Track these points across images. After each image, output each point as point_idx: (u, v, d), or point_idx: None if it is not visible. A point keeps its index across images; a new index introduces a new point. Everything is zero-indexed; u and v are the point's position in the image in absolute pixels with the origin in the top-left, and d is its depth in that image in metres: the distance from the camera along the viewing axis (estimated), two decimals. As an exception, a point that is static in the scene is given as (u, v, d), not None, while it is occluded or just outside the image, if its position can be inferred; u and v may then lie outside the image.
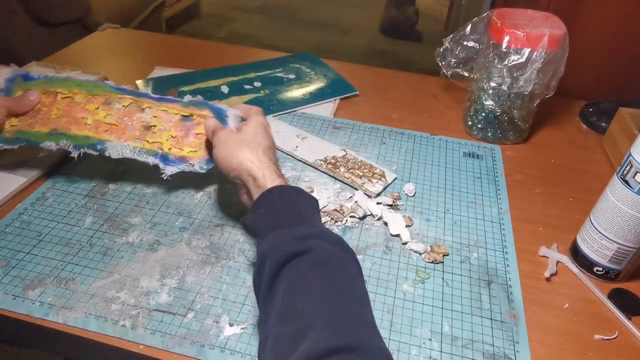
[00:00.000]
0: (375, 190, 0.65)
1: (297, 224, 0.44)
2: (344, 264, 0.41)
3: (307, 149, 0.73)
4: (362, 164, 0.70)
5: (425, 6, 3.19)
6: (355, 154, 0.72)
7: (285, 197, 0.46)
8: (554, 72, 0.69)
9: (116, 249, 0.56)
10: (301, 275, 0.39)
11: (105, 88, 0.65)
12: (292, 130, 0.78)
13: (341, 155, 0.71)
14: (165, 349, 0.46)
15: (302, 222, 0.44)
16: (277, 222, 0.44)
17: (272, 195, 0.46)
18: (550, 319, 0.51)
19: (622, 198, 0.50)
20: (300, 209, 0.45)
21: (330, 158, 0.71)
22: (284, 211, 0.45)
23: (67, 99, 0.63)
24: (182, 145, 0.61)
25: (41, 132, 0.60)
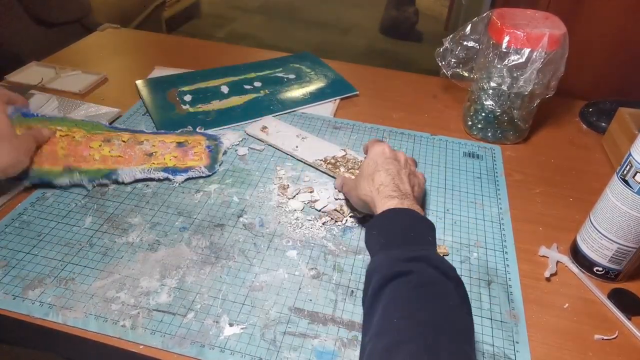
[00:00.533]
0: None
1: (407, 247, 0.44)
2: (444, 290, 0.40)
3: (307, 149, 0.73)
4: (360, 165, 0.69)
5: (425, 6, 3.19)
6: (355, 154, 0.71)
7: (397, 220, 0.47)
8: (554, 72, 0.69)
9: (116, 249, 0.56)
10: (400, 294, 0.40)
11: (101, 127, 0.71)
12: (292, 130, 0.77)
13: (341, 155, 0.71)
14: (165, 349, 0.46)
15: (410, 243, 0.45)
16: (386, 242, 0.45)
17: (383, 218, 0.48)
18: (550, 319, 0.51)
19: (622, 198, 0.50)
20: (413, 233, 0.46)
21: (330, 158, 0.71)
22: (393, 233, 0.46)
23: (67, 137, 0.68)
24: (184, 162, 0.67)
25: (54, 171, 0.63)
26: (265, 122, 0.79)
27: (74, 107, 0.80)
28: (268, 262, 0.55)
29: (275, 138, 0.75)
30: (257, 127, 0.78)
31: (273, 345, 0.47)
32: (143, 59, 1.00)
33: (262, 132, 0.76)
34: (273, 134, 0.76)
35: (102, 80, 0.90)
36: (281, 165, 0.70)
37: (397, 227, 0.46)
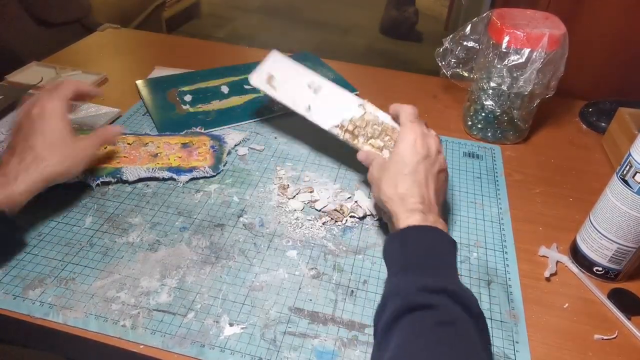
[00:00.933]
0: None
1: (427, 272, 0.42)
2: (466, 330, 0.38)
3: (321, 106, 0.65)
4: (383, 127, 0.61)
5: (425, 6, 3.19)
6: (374, 110, 0.62)
7: (420, 239, 0.45)
8: (554, 72, 0.69)
9: (116, 249, 0.56)
10: (419, 331, 0.38)
11: None
12: (303, 76, 0.68)
13: (359, 116, 0.62)
14: (165, 349, 0.46)
15: (434, 270, 0.43)
16: (407, 264, 0.43)
17: (408, 234, 0.46)
18: (550, 318, 0.51)
19: (622, 198, 0.50)
20: (434, 255, 0.44)
21: (348, 122, 0.62)
22: (417, 254, 0.44)
23: None
24: (188, 162, 0.68)
25: None
26: (270, 66, 0.70)
27: (74, 107, 0.80)
28: (268, 262, 0.55)
29: (285, 92, 0.67)
30: (262, 75, 0.69)
31: (273, 345, 0.47)
32: (143, 59, 1.01)
33: (269, 84, 0.68)
34: (281, 84, 0.68)
35: (102, 80, 0.90)
36: (281, 165, 0.70)
37: (420, 249, 0.44)
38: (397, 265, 0.44)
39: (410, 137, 0.52)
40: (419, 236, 0.45)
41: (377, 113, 0.62)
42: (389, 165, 0.52)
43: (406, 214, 0.47)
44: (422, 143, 0.51)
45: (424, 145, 0.51)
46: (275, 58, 0.70)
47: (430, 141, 0.52)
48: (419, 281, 0.41)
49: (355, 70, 0.99)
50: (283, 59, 0.70)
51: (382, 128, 0.61)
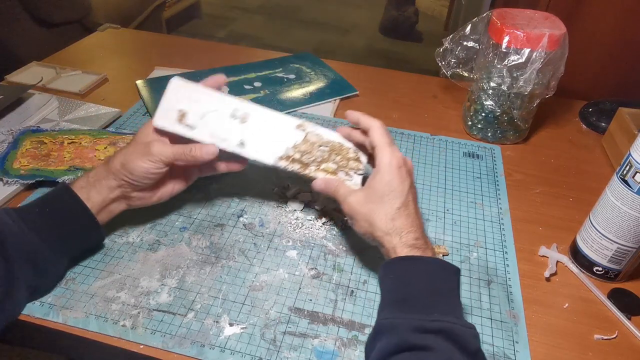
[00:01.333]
0: (357, 185, 0.57)
1: (426, 309, 0.41)
2: None
3: (256, 139, 0.55)
4: (331, 147, 0.56)
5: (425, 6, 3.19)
6: (314, 129, 0.56)
7: (418, 272, 0.44)
8: (554, 72, 0.69)
9: (116, 249, 0.56)
10: None
11: (108, 133, 0.72)
12: (223, 104, 0.55)
13: (302, 139, 0.56)
14: (165, 349, 0.46)
15: (433, 306, 0.41)
16: (404, 298, 0.42)
17: (405, 265, 0.44)
18: (550, 318, 0.51)
19: (622, 198, 0.50)
20: (435, 289, 0.42)
21: (292, 150, 0.55)
22: (417, 288, 0.43)
23: (74, 143, 0.69)
24: None
25: (59, 170, 0.64)
26: (176, 100, 0.54)
27: (74, 107, 0.80)
28: (268, 262, 0.55)
29: (206, 130, 0.54)
30: (170, 114, 0.54)
31: (273, 345, 0.47)
32: (143, 59, 1.01)
33: (182, 123, 0.54)
34: (198, 121, 0.54)
35: (102, 81, 0.90)
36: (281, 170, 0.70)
37: (420, 282, 0.43)
38: (395, 296, 0.43)
39: (395, 164, 0.49)
40: (418, 269, 0.44)
41: (318, 131, 0.56)
42: (379, 197, 0.48)
43: (406, 248, 0.46)
44: (406, 169, 0.50)
45: (409, 172, 0.50)
46: (178, 88, 0.55)
47: (409, 164, 0.51)
48: (417, 319, 0.40)
49: (355, 70, 0.99)
50: (188, 87, 0.55)
51: (330, 148, 0.56)
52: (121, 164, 0.51)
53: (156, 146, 0.52)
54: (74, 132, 0.72)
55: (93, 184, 0.51)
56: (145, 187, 0.53)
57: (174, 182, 0.56)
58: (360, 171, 0.56)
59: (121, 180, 0.51)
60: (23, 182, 0.62)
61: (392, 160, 0.49)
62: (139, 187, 0.53)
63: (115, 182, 0.51)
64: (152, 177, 0.52)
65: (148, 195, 0.55)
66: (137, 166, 0.51)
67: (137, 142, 0.53)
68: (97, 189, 0.51)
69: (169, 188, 0.56)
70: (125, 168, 0.51)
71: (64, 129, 0.73)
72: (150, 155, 0.51)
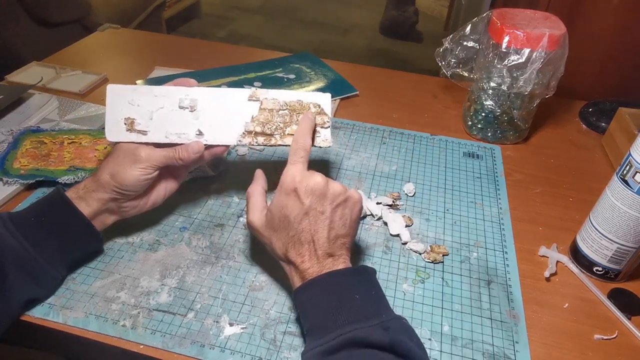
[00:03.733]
0: (327, 142, 0.55)
1: (326, 331, 0.39)
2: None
3: (212, 124, 0.53)
4: (290, 108, 0.54)
5: (425, 6, 3.20)
6: (268, 95, 0.54)
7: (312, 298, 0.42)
8: (554, 72, 0.69)
9: (116, 249, 0.56)
10: None
11: None
12: (166, 99, 0.53)
13: (258, 110, 0.54)
14: (165, 349, 0.46)
15: (332, 326, 0.39)
16: (309, 328, 0.42)
17: (301, 296, 0.43)
18: (550, 319, 0.51)
19: (622, 198, 0.50)
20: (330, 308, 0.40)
21: (252, 124, 0.54)
22: (313, 316, 0.42)
23: (74, 143, 0.69)
24: None
25: (59, 169, 0.64)
26: (119, 109, 0.52)
27: (74, 107, 0.80)
28: (268, 262, 0.55)
29: (159, 131, 0.52)
30: (118, 125, 0.52)
31: (273, 345, 0.47)
32: (143, 59, 1.01)
33: (133, 131, 0.52)
34: (148, 124, 0.52)
35: (102, 80, 0.90)
36: (281, 165, 0.70)
37: (316, 308, 0.41)
38: (305, 329, 0.43)
39: (284, 189, 0.46)
40: (313, 293, 0.42)
41: (272, 95, 0.54)
42: (275, 222, 0.46)
43: (299, 280, 0.44)
44: (305, 190, 0.45)
45: (307, 193, 0.45)
46: (115, 96, 0.52)
47: (317, 179, 0.46)
48: (321, 344, 0.38)
49: (355, 70, 0.99)
50: (124, 92, 0.53)
51: (290, 109, 0.54)
52: (110, 174, 0.50)
53: (144, 151, 0.50)
54: (74, 132, 0.72)
55: (82, 196, 0.50)
56: (137, 195, 0.52)
57: (164, 183, 0.56)
58: (327, 124, 0.55)
59: (112, 192, 0.50)
60: (23, 182, 0.62)
61: (284, 183, 0.46)
62: (131, 197, 0.52)
63: (106, 194, 0.50)
64: (145, 184, 0.52)
65: (142, 203, 0.54)
66: (127, 175, 0.50)
67: (122, 150, 0.51)
68: (86, 201, 0.50)
69: (161, 191, 0.55)
70: (115, 179, 0.50)
71: (64, 129, 0.73)
72: (139, 163, 0.50)
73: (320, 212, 0.45)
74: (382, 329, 0.38)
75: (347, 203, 0.47)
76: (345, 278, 0.43)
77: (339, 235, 0.46)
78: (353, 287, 0.42)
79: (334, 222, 0.45)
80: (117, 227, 0.58)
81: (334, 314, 0.40)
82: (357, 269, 0.45)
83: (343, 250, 0.46)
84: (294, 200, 0.45)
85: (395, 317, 0.41)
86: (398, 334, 0.38)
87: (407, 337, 0.39)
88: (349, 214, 0.47)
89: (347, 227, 0.46)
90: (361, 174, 0.70)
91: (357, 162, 0.72)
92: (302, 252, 0.44)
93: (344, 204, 0.46)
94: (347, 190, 0.47)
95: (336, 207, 0.46)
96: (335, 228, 0.45)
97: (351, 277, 0.43)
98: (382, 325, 0.39)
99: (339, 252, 0.45)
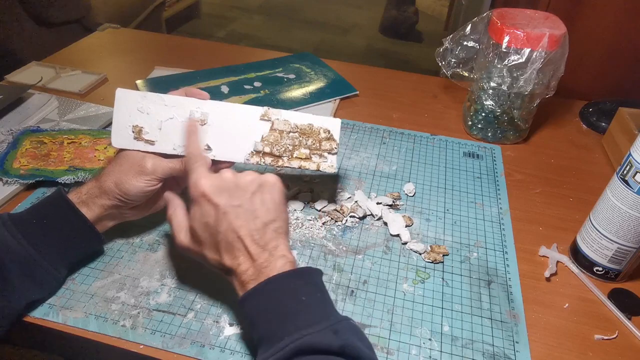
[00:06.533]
0: (332, 168, 0.55)
1: (273, 340, 0.37)
2: None
3: (221, 139, 0.53)
4: (301, 130, 0.54)
5: (425, 6, 3.20)
6: (280, 115, 0.54)
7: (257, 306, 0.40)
8: (554, 72, 0.69)
9: (116, 249, 0.56)
10: None
11: (108, 133, 0.70)
12: (178, 109, 0.52)
13: (269, 130, 0.54)
14: (165, 349, 0.46)
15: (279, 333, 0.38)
16: (258, 338, 0.40)
17: (246, 307, 0.41)
18: (550, 319, 0.51)
19: (622, 198, 0.50)
20: (276, 315, 0.39)
21: (261, 145, 0.53)
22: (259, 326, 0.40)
23: (74, 143, 0.69)
24: None
25: (59, 170, 0.64)
26: (128, 115, 0.52)
27: (74, 107, 0.80)
28: (268, 262, 0.55)
29: (166, 142, 0.52)
30: (126, 132, 0.52)
31: (273, 345, 0.47)
32: (143, 59, 1.00)
33: (140, 139, 0.52)
34: (156, 134, 0.52)
35: (102, 80, 0.90)
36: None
37: (261, 317, 0.40)
38: (254, 340, 0.41)
39: (196, 196, 0.44)
40: (259, 301, 0.40)
41: (284, 117, 0.54)
42: (199, 235, 0.44)
43: (241, 288, 0.42)
44: (213, 191, 0.43)
45: (216, 193, 0.43)
46: (124, 101, 0.52)
47: (223, 176, 0.44)
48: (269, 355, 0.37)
49: (355, 70, 0.99)
50: (134, 98, 0.52)
51: (300, 131, 0.54)
52: (115, 183, 0.49)
53: (150, 163, 0.49)
54: (74, 132, 0.72)
55: (85, 201, 0.49)
56: (140, 203, 0.52)
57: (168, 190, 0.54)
58: (334, 150, 0.55)
59: (115, 200, 0.49)
60: (23, 182, 0.62)
61: (192, 193, 0.44)
62: (134, 205, 0.52)
63: (109, 201, 0.49)
64: (148, 195, 0.51)
65: (144, 210, 0.54)
66: (132, 186, 0.49)
67: (128, 159, 0.50)
68: (89, 206, 0.49)
69: (164, 199, 0.54)
70: (119, 188, 0.49)
71: (63, 129, 0.73)
72: (145, 174, 0.49)
73: (237, 206, 0.43)
74: (331, 333, 0.37)
75: (263, 188, 0.44)
76: (288, 282, 0.41)
77: (267, 222, 0.43)
78: (297, 291, 0.40)
79: (255, 210, 0.43)
80: (118, 228, 0.58)
81: (280, 322, 0.39)
82: (300, 271, 0.42)
83: (279, 239, 0.43)
84: (207, 205, 0.43)
85: (342, 318, 0.40)
86: (347, 336, 0.37)
87: (356, 337, 0.38)
88: (270, 198, 0.44)
89: (272, 211, 0.44)
90: (361, 174, 0.70)
91: (357, 162, 0.72)
92: (234, 254, 0.42)
93: (261, 189, 0.44)
94: (259, 176, 0.45)
95: (252, 196, 0.43)
96: (260, 216, 0.43)
97: (294, 280, 0.41)
98: (331, 329, 0.37)
99: (274, 242, 0.43)
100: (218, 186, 0.43)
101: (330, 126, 0.56)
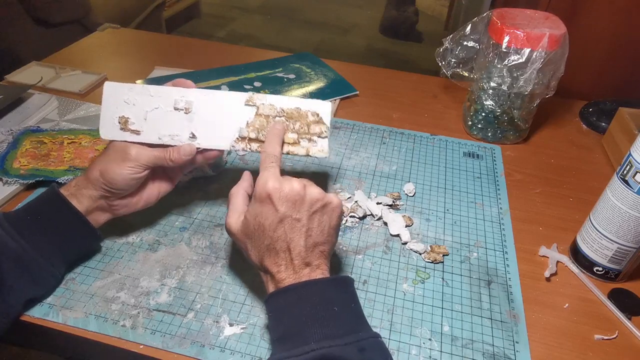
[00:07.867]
0: (323, 152, 0.54)
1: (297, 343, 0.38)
2: None
3: (206, 127, 0.53)
4: (287, 115, 0.53)
5: (425, 6, 3.19)
6: (265, 100, 0.53)
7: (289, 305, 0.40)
8: (554, 72, 0.69)
9: (116, 249, 0.56)
10: None
11: None
12: (162, 99, 0.52)
13: (254, 115, 0.53)
14: (165, 349, 0.46)
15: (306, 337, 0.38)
16: (281, 336, 0.40)
17: (276, 301, 0.42)
18: (550, 319, 0.51)
19: (622, 198, 0.50)
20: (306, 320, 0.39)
21: (246, 130, 0.52)
22: (287, 324, 0.40)
23: (74, 143, 0.69)
24: None
25: (59, 170, 0.64)
26: (115, 106, 0.52)
27: (74, 107, 0.80)
28: (268, 262, 0.55)
29: (152, 131, 0.52)
30: (112, 123, 0.52)
31: (273, 345, 0.47)
32: (143, 59, 1.00)
33: (127, 129, 0.52)
34: (142, 124, 0.52)
35: (102, 80, 0.90)
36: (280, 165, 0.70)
37: (292, 317, 0.40)
38: (274, 336, 0.41)
39: (259, 196, 0.44)
40: (291, 299, 0.41)
41: (269, 101, 0.53)
42: (250, 230, 0.44)
43: (273, 287, 0.43)
44: (279, 196, 0.43)
45: (281, 199, 0.43)
46: (111, 93, 0.52)
47: (293, 185, 0.44)
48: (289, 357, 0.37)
49: (355, 70, 0.99)
50: (121, 90, 0.52)
51: (287, 116, 0.53)
52: (100, 172, 0.49)
53: (133, 150, 0.50)
54: (74, 132, 0.72)
55: (74, 193, 0.50)
56: (127, 193, 0.52)
57: (158, 184, 0.55)
58: (324, 134, 0.53)
59: (101, 189, 0.50)
60: (23, 182, 0.62)
61: (257, 190, 0.44)
62: (121, 195, 0.52)
63: (96, 192, 0.50)
64: (134, 183, 0.51)
65: (133, 202, 0.53)
66: (116, 174, 0.49)
67: (113, 148, 0.51)
68: (77, 198, 0.50)
69: (154, 191, 0.55)
70: (104, 176, 0.49)
71: (63, 128, 0.73)
72: (129, 161, 0.49)
73: (297, 220, 0.43)
74: (357, 350, 0.37)
75: (325, 209, 0.44)
76: (324, 288, 0.41)
77: (317, 243, 0.43)
78: (331, 298, 0.41)
79: (311, 229, 0.43)
80: (117, 227, 0.58)
81: (309, 325, 0.39)
82: (337, 279, 0.43)
83: (322, 259, 0.44)
84: (269, 208, 0.43)
85: (372, 335, 0.40)
86: (372, 355, 0.37)
87: (381, 358, 0.38)
88: (328, 221, 0.44)
89: (326, 234, 0.44)
90: (361, 174, 0.70)
91: (357, 162, 0.72)
92: (278, 261, 0.43)
93: (322, 210, 0.44)
94: (325, 195, 0.45)
95: (313, 214, 0.44)
96: (313, 236, 0.43)
97: (330, 288, 0.42)
98: (358, 346, 0.37)
99: (317, 261, 0.43)
100: (285, 194, 0.43)
101: (319, 109, 0.54)
